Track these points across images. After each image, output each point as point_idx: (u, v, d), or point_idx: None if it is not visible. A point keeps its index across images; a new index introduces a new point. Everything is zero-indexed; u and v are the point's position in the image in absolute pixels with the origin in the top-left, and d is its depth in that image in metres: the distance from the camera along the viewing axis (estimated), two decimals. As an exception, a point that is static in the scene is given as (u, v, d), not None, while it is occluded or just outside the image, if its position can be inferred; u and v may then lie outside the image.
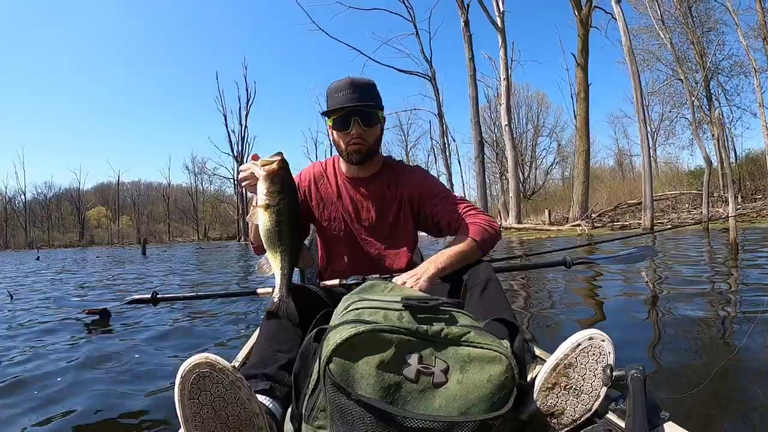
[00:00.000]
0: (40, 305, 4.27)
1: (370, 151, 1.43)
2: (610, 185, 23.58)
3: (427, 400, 0.76)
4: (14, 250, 34.01)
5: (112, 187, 47.47)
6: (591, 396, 0.90)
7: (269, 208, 1.14)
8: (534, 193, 34.80)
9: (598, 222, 16.54)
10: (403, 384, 0.76)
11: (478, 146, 15.53)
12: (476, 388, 0.77)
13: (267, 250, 1.18)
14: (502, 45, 20.01)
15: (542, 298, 3.47)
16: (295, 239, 1.20)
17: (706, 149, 12.90)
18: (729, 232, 5.09)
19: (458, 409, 0.75)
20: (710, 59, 19.56)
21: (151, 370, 2.04)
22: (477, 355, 0.79)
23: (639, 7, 20.17)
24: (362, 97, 1.37)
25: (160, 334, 2.74)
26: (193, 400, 0.82)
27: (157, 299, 2.03)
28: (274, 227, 1.15)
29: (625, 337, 2.22)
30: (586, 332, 0.91)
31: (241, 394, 0.84)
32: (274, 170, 1.15)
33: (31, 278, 7.87)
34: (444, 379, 0.77)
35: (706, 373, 1.61)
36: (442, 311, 0.88)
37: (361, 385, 0.75)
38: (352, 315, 0.86)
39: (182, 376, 0.81)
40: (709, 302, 2.88)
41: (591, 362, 0.90)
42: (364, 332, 0.77)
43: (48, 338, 2.77)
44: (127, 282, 6.46)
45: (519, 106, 35.74)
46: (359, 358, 0.77)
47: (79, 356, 2.29)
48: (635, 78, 13.33)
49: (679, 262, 5.10)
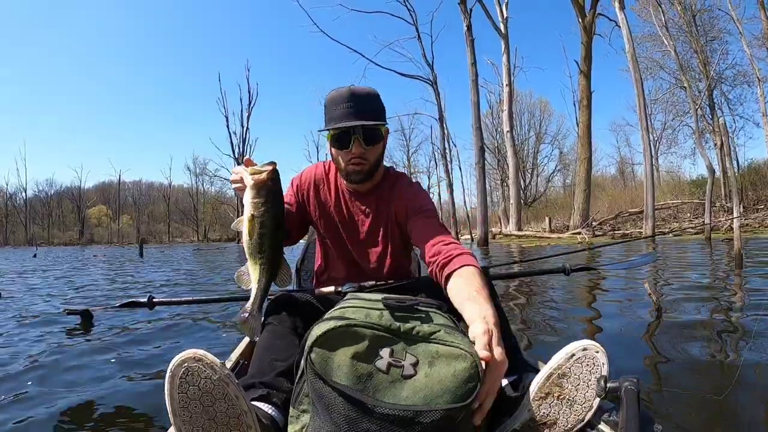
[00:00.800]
0: (29, 305, 4.20)
1: (371, 170, 1.35)
2: (612, 194, 23.51)
3: (396, 390, 0.81)
4: (13, 247, 34.01)
5: (114, 186, 47.58)
6: (584, 406, 0.91)
7: (253, 218, 1.11)
8: (535, 200, 34.74)
9: (598, 230, 16.45)
10: (375, 374, 0.82)
11: (479, 152, 15.41)
12: (441, 381, 0.81)
13: (248, 259, 1.15)
14: (505, 51, 20.01)
15: (540, 306, 3.42)
16: (276, 253, 1.16)
17: (709, 158, 12.80)
18: (732, 242, 4.98)
19: (423, 400, 0.80)
20: (714, 68, 19.51)
21: (144, 366, 2.04)
22: (444, 352, 0.84)
23: (643, 14, 20.20)
24: (364, 111, 1.28)
25: (152, 332, 2.71)
26: (182, 394, 0.85)
27: (153, 303, 1.99)
28: (256, 239, 1.12)
29: (624, 347, 2.17)
30: (580, 343, 0.92)
31: (229, 390, 0.86)
32: (262, 180, 1.11)
33: (25, 277, 7.79)
34: (413, 372, 0.82)
35: (706, 387, 1.62)
36: (418, 311, 0.92)
37: (337, 374, 0.82)
38: (337, 313, 0.92)
39: (171, 370, 0.84)
40: (713, 315, 2.80)
41: (585, 373, 0.91)
42: (341, 326, 0.85)
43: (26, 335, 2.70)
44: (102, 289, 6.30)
45: (522, 113, 35.81)
46: (336, 349, 0.84)
47: (49, 357, 2.22)
48: (638, 85, 13.26)
49: (682, 272, 5.01)
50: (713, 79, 19.48)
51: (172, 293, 4.96)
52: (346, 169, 1.34)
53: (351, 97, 1.28)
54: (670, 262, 6.19)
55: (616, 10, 13.84)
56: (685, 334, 2.31)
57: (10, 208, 44.09)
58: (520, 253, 10.76)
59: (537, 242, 15.38)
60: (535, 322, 2.82)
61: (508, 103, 20.14)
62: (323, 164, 1.50)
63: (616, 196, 22.22)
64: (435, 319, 0.91)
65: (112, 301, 3.91)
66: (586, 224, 17.02)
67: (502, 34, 19.78)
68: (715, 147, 18.05)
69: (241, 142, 32.36)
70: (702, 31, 19.43)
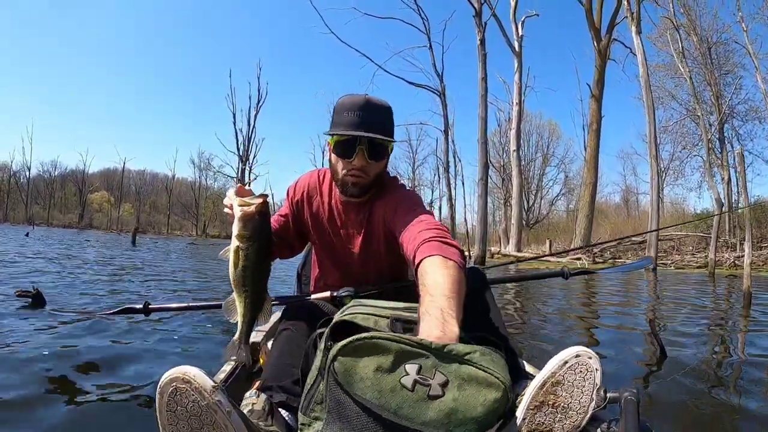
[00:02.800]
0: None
1: (369, 186, 1.30)
2: (614, 221, 23.28)
3: (420, 409, 0.76)
4: (11, 224, 33.69)
5: (118, 173, 47.48)
6: (579, 413, 0.90)
7: (238, 250, 1.11)
8: (537, 222, 34.40)
9: (599, 257, 16.13)
10: (399, 391, 0.77)
11: (483, 168, 15.13)
12: (469, 408, 0.76)
13: (234, 290, 1.15)
14: (517, 69, 19.90)
15: (537, 312, 3.43)
16: (260, 287, 1.15)
17: (718, 190, 12.51)
18: (739, 279, 4.71)
19: (446, 426, 0.75)
20: (726, 102, 19.27)
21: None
22: (477, 377, 0.79)
23: (658, 43, 20.04)
24: (375, 123, 1.23)
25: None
26: (170, 412, 0.83)
27: (149, 310, 1.95)
28: (240, 271, 1.12)
29: (619, 354, 2.20)
30: (572, 349, 0.91)
31: (218, 418, 0.83)
32: (249, 214, 1.10)
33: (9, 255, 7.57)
34: (440, 393, 0.77)
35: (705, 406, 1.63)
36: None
37: (359, 386, 0.78)
38: (348, 318, 0.92)
39: (161, 387, 0.83)
40: (715, 352, 2.57)
41: (578, 379, 0.90)
42: (367, 338, 0.80)
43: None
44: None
45: (530, 134, 35.66)
46: (361, 360, 0.79)
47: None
48: (650, 111, 13.02)
49: (684, 306, 4.73)
50: (725, 113, 19.25)
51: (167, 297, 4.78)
52: (343, 179, 1.28)
53: (365, 106, 1.23)
54: (673, 295, 5.92)
55: (633, 34, 13.66)
56: (687, 377, 2.08)
57: (12, 186, 44.00)
58: (517, 272, 10.48)
59: (536, 264, 15.06)
60: (531, 329, 2.80)
61: (516, 121, 19.98)
62: (317, 173, 1.46)
63: (619, 224, 21.99)
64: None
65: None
66: (587, 249, 16.71)
67: (516, 52, 19.68)
68: (722, 181, 17.76)
69: (247, 140, 32.23)
70: (716, 64, 19.24)
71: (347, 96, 1.27)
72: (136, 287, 4.63)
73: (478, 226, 15.53)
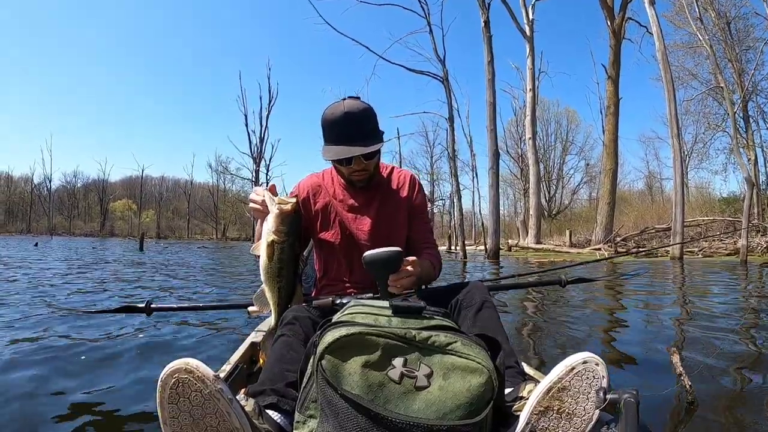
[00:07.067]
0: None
1: (373, 176, 1.47)
2: (638, 208, 22.26)
3: (408, 401, 0.79)
4: (34, 235, 34.47)
5: (140, 180, 48.29)
6: (584, 419, 0.88)
7: (274, 244, 1.19)
8: (559, 212, 33.44)
9: (622, 246, 15.36)
10: (387, 384, 0.80)
11: (493, 156, 14.48)
12: (455, 395, 0.80)
13: (264, 283, 1.24)
14: (529, 55, 19.17)
15: (544, 317, 3.37)
16: (294, 279, 1.26)
17: (747, 168, 11.62)
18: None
19: (436, 413, 0.78)
20: (749, 79, 18.13)
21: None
22: (460, 365, 0.83)
23: (675, 21, 19.01)
24: (361, 134, 1.35)
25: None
26: (172, 405, 0.83)
27: (151, 309, 1.95)
28: (276, 264, 1.21)
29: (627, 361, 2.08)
30: (579, 355, 0.89)
31: (220, 406, 0.84)
32: (288, 211, 1.21)
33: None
34: (426, 383, 0.81)
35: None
36: (428, 317, 0.92)
37: (347, 381, 0.80)
38: (347, 317, 0.93)
39: (162, 380, 0.83)
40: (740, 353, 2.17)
41: (585, 386, 0.88)
42: (353, 334, 0.84)
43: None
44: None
45: (548, 122, 34.77)
46: (348, 356, 0.82)
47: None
48: (669, 87, 12.17)
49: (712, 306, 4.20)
50: (748, 90, 18.11)
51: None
52: (349, 178, 1.45)
53: (347, 120, 1.33)
54: (702, 288, 5.35)
55: (646, 5, 12.81)
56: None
57: (35, 197, 45.13)
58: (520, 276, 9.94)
59: (554, 256, 14.40)
60: (538, 333, 2.80)
61: (531, 108, 19.23)
62: (317, 175, 1.58)
63: (643, 211, 20.99)
64: (449, 329, 0.89)
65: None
66: (608, 240, 15.96)
67: (528, 37, 18.95)
68: (749, 162, 16.68)
69: (260, 141, 32.20)
70: (737, 39, 18.09)
71: (329, 109, 1.37)
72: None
73: (490, 218, 14.90)
